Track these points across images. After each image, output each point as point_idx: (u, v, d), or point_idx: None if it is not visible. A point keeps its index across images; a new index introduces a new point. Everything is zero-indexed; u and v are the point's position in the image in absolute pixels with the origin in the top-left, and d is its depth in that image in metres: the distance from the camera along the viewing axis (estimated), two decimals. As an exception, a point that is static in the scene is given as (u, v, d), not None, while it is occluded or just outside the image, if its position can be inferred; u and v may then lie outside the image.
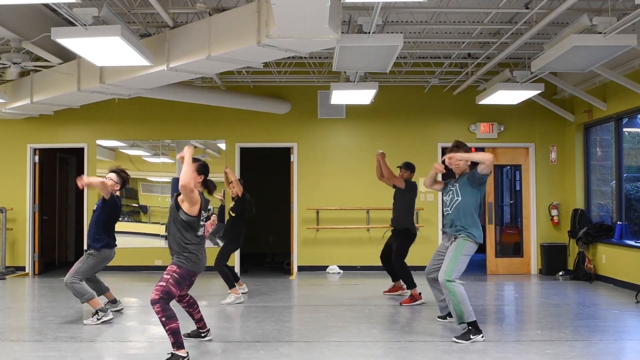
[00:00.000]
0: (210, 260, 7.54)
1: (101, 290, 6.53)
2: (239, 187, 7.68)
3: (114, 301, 6.62)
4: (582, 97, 9.12)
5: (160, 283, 4.66)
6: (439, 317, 6.16)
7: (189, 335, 5.24)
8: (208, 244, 7.99)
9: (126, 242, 10.30)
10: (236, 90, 10.33)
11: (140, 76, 7.31)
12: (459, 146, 5.74)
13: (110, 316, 6.14)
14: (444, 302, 5.85)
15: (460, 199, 5.57)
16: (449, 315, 5.88)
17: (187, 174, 4.51)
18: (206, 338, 5.33)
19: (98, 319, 6.02)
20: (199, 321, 5.26)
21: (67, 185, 12.20)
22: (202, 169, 4.90)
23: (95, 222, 6.23)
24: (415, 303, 7.11)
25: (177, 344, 4.58)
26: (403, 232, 7.38)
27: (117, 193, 6.42)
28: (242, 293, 7.58)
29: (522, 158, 10.51)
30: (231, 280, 7.35)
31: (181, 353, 4.57)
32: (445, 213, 5.80)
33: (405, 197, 7.43)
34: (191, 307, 5.21)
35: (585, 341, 5.33)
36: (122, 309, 6.68)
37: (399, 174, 7.50)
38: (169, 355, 4.59)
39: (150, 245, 10.54)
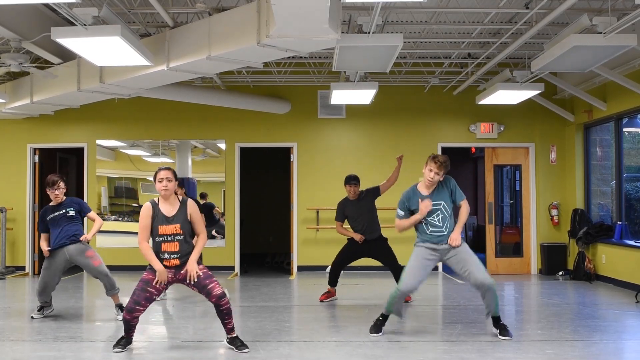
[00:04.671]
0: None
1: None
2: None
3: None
4: (582, 97, 9.12)
5: (214, 279, 4.88)
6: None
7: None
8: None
9: (125, 242, 10.32)
10: (236, 90, 10.33)
11: (140, 76, 7.31)
12: (447, 166, 5.32)
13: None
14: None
15: (450, 217, 5.38)
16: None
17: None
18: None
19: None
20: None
21: (67, 185, 12.16)
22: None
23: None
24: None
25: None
26: (381, 238, 7.30)
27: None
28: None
29: (522, 158, 10.51)
30: None
31: None
32: (434, 233, 5.32)
33: (373, 204, 7.32)
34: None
35: (585, 341, 5.33)
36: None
37: (354, 190, 7.25)
38: (236, 338, 4.95)
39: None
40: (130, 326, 4.92)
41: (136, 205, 10.62)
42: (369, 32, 5.79)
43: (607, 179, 9.55)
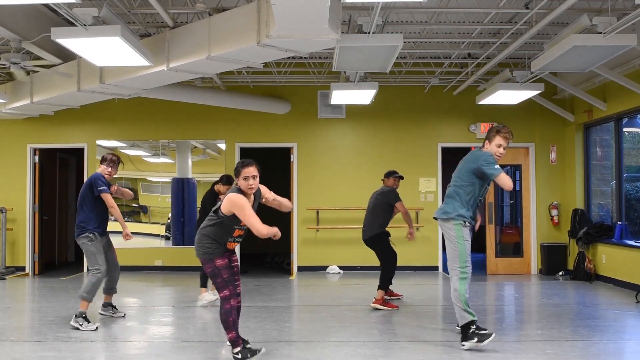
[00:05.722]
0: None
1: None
2: None
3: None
4: (582, 97, 9.12)
5: (239, 278, 4.82)
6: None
7: None
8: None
9: (126, 242, 10.30)
10: (236, 90, 10.33)
11: (140, 76, 7.31)
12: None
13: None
14: None
15: None
16: None
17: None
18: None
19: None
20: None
21: (67, 185, 12.20)
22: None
23: None
24: None
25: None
26: None
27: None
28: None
29: (522, 158, 10.51)
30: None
31: None
32: (477, 204, 5.25)
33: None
34: None
35: (585, 341, 5.33)
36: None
37: (395, 183, 7.29)
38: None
39: (150, 245, 10.54)
40: (235, 323, 4.68)
41: (136, 205, 10.62)
42: (369, 32, 5.79)
43: (607, 179, 9.55)
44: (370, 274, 9.84)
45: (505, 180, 4.92)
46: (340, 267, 10.29)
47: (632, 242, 8.34)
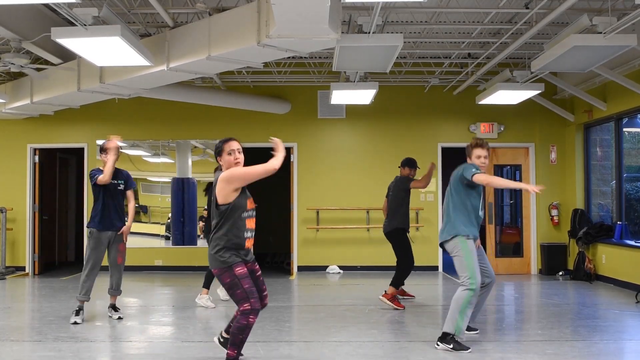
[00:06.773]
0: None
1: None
2: None
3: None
4: (582, 97, 9.12)
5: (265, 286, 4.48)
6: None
7: None
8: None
9: (125, 241, 10.31)
10: (236, 90, 10.33)
11: (140, 76, 7.31)
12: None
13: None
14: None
15: None
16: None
17: None
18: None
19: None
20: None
21: (67, 185, 12.20)
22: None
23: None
24: None
25: None
26: None
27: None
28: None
29: (522, 158, 10.51)
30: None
31: None
32: (478, 217, 5.20)
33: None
34: None
35: (585, 341, 5.33)
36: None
37: (411, 173, 7.25)
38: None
39: (150, 245, 10.54)
40: (243, 342, 4.21)
41: (136, 205, 10.59)
42: (369, 32, 5.79)
43: (607, 179, 9.55)
44: (370, 274, 9.85)
45: (481, 178, 4.93)
46: (340, 267, 10.29)
47: (632, 242, 8.34)
